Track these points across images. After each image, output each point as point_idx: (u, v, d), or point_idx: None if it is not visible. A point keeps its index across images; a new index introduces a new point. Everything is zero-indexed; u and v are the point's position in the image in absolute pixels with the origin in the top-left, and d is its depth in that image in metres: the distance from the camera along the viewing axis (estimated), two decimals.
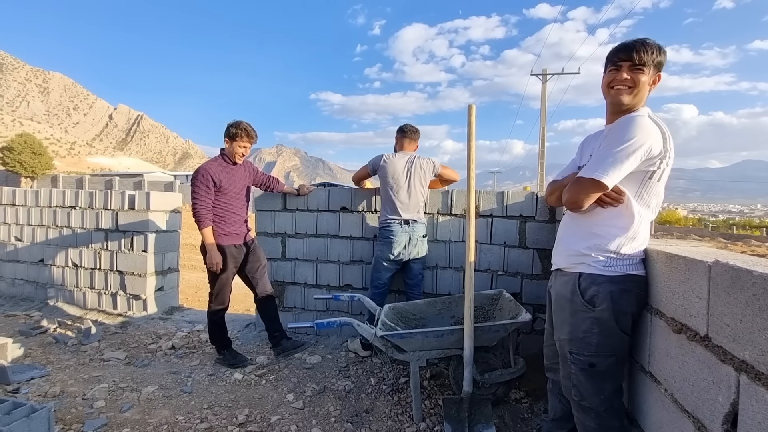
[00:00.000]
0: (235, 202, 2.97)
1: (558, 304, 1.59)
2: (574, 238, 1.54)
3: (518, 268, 2.99)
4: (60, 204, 4.39)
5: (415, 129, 3.14)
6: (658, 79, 1.48)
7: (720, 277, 1.08)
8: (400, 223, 2.90)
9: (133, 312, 4.07)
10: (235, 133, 2.88)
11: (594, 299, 1.44)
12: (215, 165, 2.89)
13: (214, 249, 2.82)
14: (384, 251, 2.93)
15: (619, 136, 1.37)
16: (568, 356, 1.52)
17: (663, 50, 1.45)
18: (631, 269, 1.44)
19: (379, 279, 2.99)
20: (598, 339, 1.44)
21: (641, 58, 1.42)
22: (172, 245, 4.32)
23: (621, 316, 1.43)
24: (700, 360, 1.16)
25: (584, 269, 1.47)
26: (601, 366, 1.45)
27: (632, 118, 1.40)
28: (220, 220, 2.89)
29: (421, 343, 2.22)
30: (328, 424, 2.24)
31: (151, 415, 2.30)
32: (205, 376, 2.81)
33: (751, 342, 0.96)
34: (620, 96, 1.46)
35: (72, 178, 33.15)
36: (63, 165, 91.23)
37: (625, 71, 1.45)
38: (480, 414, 2.10)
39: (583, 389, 1.49)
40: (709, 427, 1.11)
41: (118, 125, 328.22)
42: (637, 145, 1.34)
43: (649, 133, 1.36)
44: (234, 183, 2.95)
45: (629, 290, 1.44)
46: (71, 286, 4.33)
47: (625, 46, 1.45)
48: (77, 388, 2.57)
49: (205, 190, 2.80)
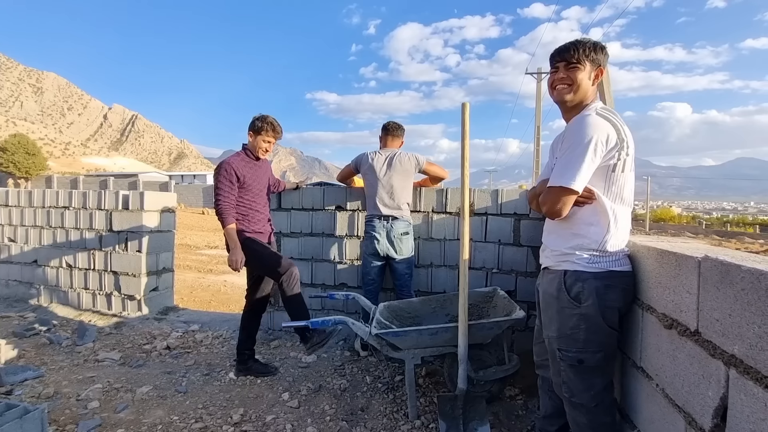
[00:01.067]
0: (259, 199, 2.83)
1: (545, 301, 1.61)
2: (558, 240, 1.57)
3: (513, 265, 3.00)
4: (54, 204, 4.36)
5: (397, 125, 3.15)
6: (600, 73, 1.53)
7: (709, 272, 1.09)
8: (380, 218, 2.93)
9: (128, 312, 4.05)
10: (261, 126, 2.74)
11: (579, 296, 1.46)
12: (238, 160, 2.74)
13: (237, 247, 2.65)
14: (367, 246, 2.99)
15: (575, 139, 1.42)
16: (557, 353, 1.54)
17: (599, 46, 1.51)
18: (615, 265, 1.46)
19: (367, 275, 3.02)
20: (585, 335, 1.45)
21: (575, 56, 1.49)
22: (166, 245, 4.31)
23: (607, 312, 1.45)
24: (690, 355, 1.17)
25: (569, 266, 1.49)
26: (590, 362, 1.46)
27: (581, 119, 1.45)
28: (244, 219, 2.74)
29: (416, 341, 2.23)
30: (324, 423, 2.24)
31: (146, 416, 2.29)
32: (200, 376, 2.80)
33: (739, 336, 0.97)
34: (562, 95, 1.53)
35: (66, 179, 32.91)
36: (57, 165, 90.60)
37: (562, 71, 1.52)
38: (475, 411, 2.10)
39: (573, 386, 1.50)
40: (699, 422, 1.12)
41: (112, 125, 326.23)
42: (592, 143, 1.38)
43: (600, 128, 1.40)
44: (257, 179, 2.81)
45: (614, 286, 1.45)
46: (65, 286, 4.30)
47: (560, 48, 1.53)
48: (71, 389, 2.56)
49: (228, 186, 2.65)
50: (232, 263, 2.66)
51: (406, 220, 2.98)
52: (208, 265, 8.61)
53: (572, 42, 1.52)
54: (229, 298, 5.86)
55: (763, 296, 0.89)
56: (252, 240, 2.74)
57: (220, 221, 2.66)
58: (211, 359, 3.10)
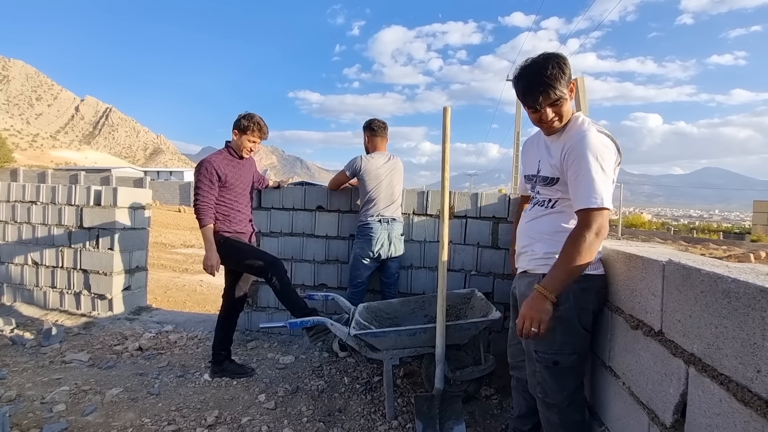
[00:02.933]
0: (241, 198, 2.77)
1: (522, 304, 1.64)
2: (536, 245, 1.59)
3: (491, 268, 3.06)
4: (19, 198, 4.17)
5: (384, 125, 3.12)
6: (573, 85, 1.48)
7: (673, 275, 1.15)
8: (380, 221, 2.92)
9: (98, 312, 3.91)
10: (247, 126, 2.67)
11: (558, 298, 1.48)
12: (221, 158, 2.67)
13: (213, 249, 2.58)
14: (364, 249, 2.93)
15: (590, 159, 1.37)
16: (533, 355, 1.57)
17: (562, 63, 1.41)
18: (590, 269, 1.50)
19: (358, 277, 3.00)
20: (561, 337, 1.49)
21: (557, 93, 1.41)
22: (140, 243, 4.18)
23: (583, 314, 1.50)
24: (654, 354, 1.23)
25: (547, 270, 1.51)
26: (565, 363, 1.51)
27: (586, 138, 1.40)
28: (225, 219, 2.67)
29: (395, 342, 2.24)
30: (300, 424, 2.22)
31: (116, 419, 2.22)
32: (174, 377, 2.73)
33: (698, 336, 1.03)
34: (552, 128, 1.51)
35: (33, 172, 31.42)
36: (24, 158, 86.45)
37: (547, 111, 1.45)
38: (451, 410, 2.13)
39: (548, 386, 1.55)
40: (661, 417, 1.18)
41: (84, 118, 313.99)
42: (608, 162, 1.40)
43: (608, 147, 1.43)
44: (240, 179, 2.75)
45: (590, 288, 1.51)
46: (31, 285, 4.12)
47: (536, 91, 1.42)
48: (35, 392, 2.45)
49: (208, 185, 2.58)
50: (207, 266, 2.60)
51: (401, 221, 3.04)
52: (183, 264, 8.40)
53: (548, 79, 1.39)
54: (205, 299, 5.73)
55: (720, 298, 0.95)
56: (234, 239, 2.70)
57: (198, 220, 2.60)
58: (186, 360, 3.03)
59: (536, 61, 1.43)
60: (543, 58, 1.43)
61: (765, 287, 0.82)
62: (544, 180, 1.58)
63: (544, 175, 1.58)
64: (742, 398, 0.86)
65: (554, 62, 1.41)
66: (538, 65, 1.42)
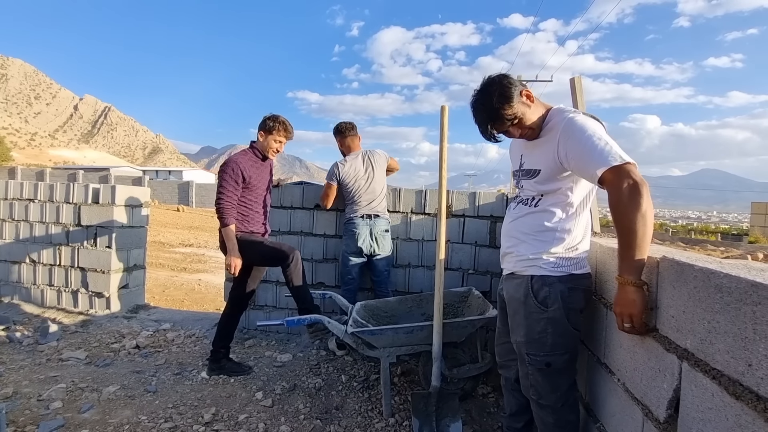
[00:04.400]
0: (260, 199, 2.79)
1: (512, 307, 1.62)
2: (522, 246, 1.58)
3: (488, 266, 3.07)
4: (17, 196, 4.16)
5: (351, 125, 3.17)
6: (526, 93, 1.47)
7: (667, 271, 1.15)
8: (362, 217, 2.97)
9: (96, 310, 3.90)
10: (272, 126, 2.70)
11: (546, 300, 1.49)
12: (246, 159, 2.69)
13: (235, 249, 2.58)
14: (349, 244, 3.00)
15: (587, 132, 1.35)
16: (525, 357, 1.56)
17: (506, 88, 1.42)
18: (576, 268, 1.51)
19: (347, 274, 3.03)
20: (552, 339, 1.49)
21: (508, 118, 1.43)
22: (138, 242, 4.18)
23: (572, 314, 1.49)
24: (648, 350, 1.23)
25: (535, 271, 1.52)
26: (557, 364, 1.51)
27: (573, 120, 1.40)
28: (243, 219, 2.69)
29: (392, 340, 2.25)
30: (297, 422, 2.23)
31: (112, 416, 2.22)
32: (171, 375, 2.73)
33: (692, 331, 1.03)
34: (530, 137, 1.53)
35: (32, 171, 31.34)
36: (22, 157, 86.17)
37: (511, 131, 1.49)
38: (447, 408, 2.14)
39: (541, 388, 1.55)
40: (655, 413, 1.19)
41: (83, 117, 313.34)
42: (603, 133, 1.37)
43: (597, 124, 1.43)
44: (261, 180, 2.77)
45: (577, 288, 1.50)
46: (28, 282, 4.11)
47: (487, 124, 1.46)
48: (32, 389, 2.45)
49: (233, 185, 2.58)
50: (228, 266, 2.60)
51: (386, 217, 3.06)
52: (182, 263, 8.39)
53: (491, 112, 1.44)
54: (203, 297, 5.72)
55: (713, 293, 0.95)
56: (247, 234, 2.70)
57: (220, 220, 2.59)
58: (183, 358, 3.04)
59: (477, 94, 1.47)
60: (482, 90, 1.45)
61: (757, 282, 0.83)
62: (526, 173, 1.58)
63: (526, 168, 1.59)
64: (734, 392, 0.87)
65: (494, 89, 1.42)
66: (480, 99, 1.46)
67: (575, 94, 2.25)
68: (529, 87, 1.51)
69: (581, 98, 2.22)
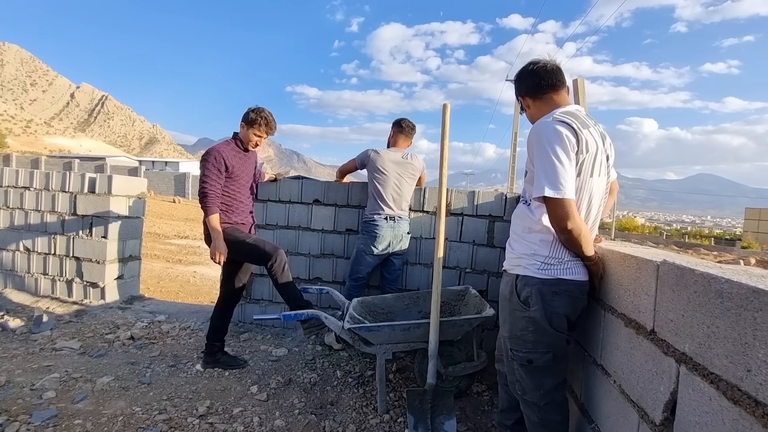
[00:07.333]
0: (244, 190, 2.77)
1: (500, 302, 1.68)
2: (514, 244, 1.62)
3: (485, 266, 3.07)
4: (12, 184, 4.11)
5: (412, 126, 3.11)
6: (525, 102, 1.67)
7: (666, 275, 1.15)
8: (386, 218, 2.90)
9: (90, 300, 3.88)
10: (254, 119, 2.66)
11: (528, 300, 1.50)
12: (228, 149, 2.66)
13: (220, 238, 2.56)
14: (368, 245, 2.92)
15: (541, 147, 1.41)
16: (509, 353, 1.58)
17: (517, 79, 1.68)
18: (565, 273, 1.47)
19: (359, 272, 2.99)
20: (533, 337, 1.50)
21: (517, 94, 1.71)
22: (134, 232, 4.15)
23: (554, 317, 1.47)
24: (645, 353, 1.24)
25: (521, 271, 1.54)
26: (539, 362, 1.51)
27: (534, 129, 1.50)
28: (227, 209, 2.67)
29: (388, 336, 2.25)
30: (292, 416, 2.23)
31: (106, 407, 2.21)
32: (166, 367, 2.73)
33: (690, 335, 1.04)
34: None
35: (27, 159, 31.01)
36: (17, 144, 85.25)
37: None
38: (442, 406, 2.14)
39: (525, 384, 1.56)
40: (651, 416, 1.19)
41: (80, 105, 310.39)
42: (557, 147, 1.38)
43: (559, 134, 1.39)
44: (244, 170, 2.76)
45: (560, 293, 1.47)
46: (22, 271, 4.07)
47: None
48: (25, 378, 2.43)
49: (216, 174, 2.56)
50: (214, 255, 2.57)
51: (408, 219, 3.02)
52: (177, 255, 8.35)
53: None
54: (198, 290, 5.70)
55: (713, 298, 0.96)
56: (233, 229, 2.68)
57: (203, 210, 2.57)
58: (178, 350, 3.03)
59: (523, 67, 1.67)
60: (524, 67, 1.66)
61: (758, 288, 0.83)
62: (524, 173, 1.65)
63: (525, 167, 1.65)
64: (732, 397, 0.87)
65: (520, 71, 1.67)
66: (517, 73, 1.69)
67: (578, 95, 2.25)
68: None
69: (584, 99, 2.22)
